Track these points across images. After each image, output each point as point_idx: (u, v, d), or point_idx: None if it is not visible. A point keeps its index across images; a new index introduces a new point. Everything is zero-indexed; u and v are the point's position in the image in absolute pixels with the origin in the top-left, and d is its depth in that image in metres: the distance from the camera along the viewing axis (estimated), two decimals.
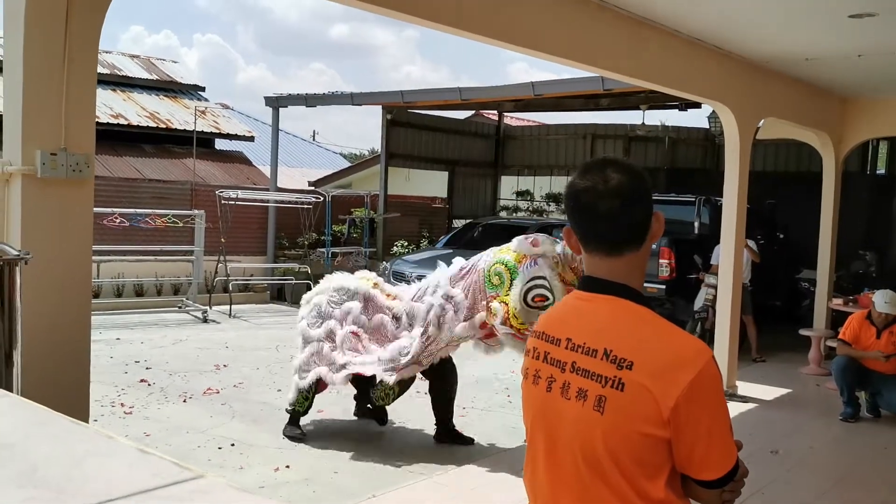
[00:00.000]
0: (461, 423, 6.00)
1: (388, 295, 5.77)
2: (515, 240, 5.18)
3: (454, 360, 5.84)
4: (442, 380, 5.76)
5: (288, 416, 5.81)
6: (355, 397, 6.20)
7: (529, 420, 1.74)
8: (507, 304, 4.97)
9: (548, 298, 4.84)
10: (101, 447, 0.64)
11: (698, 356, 1.53)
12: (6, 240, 2.79)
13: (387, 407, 5.83)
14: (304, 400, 5.72)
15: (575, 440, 1.58)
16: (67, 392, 2.91)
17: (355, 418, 6.28)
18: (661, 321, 1.63)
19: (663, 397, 1.48)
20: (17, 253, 2.40)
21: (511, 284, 4.99)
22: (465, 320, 5.23)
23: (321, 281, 6.09)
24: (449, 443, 5.70)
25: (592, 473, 1.56)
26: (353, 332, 5.56)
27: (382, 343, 5.54)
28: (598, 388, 1.55)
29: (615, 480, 1.54)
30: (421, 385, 6.00)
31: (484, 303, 5.17)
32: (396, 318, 5.60)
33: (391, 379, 5.31)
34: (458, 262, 5.54)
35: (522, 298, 4.90)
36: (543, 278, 4.89)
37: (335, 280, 5.95)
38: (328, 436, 5.85)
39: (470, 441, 5.77)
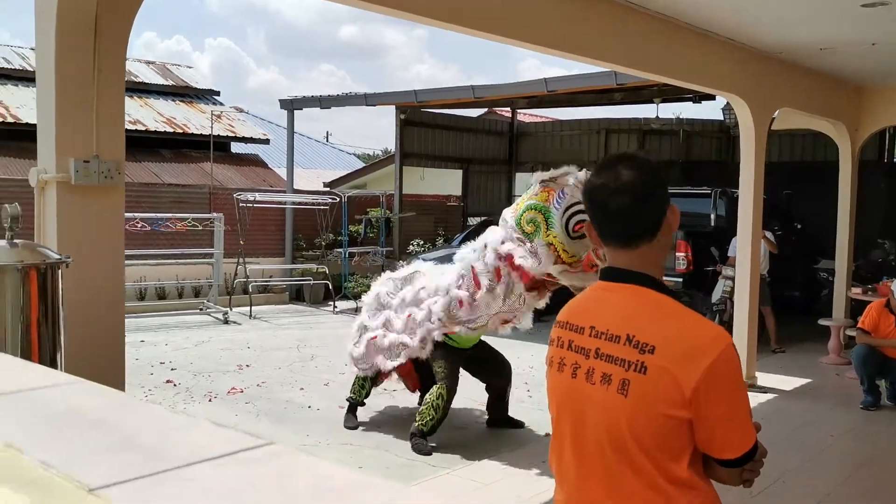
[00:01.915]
0: (481, 418, 6.08)
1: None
2: (534, 179, 4.99)
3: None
4: (499, 378, 5.90)
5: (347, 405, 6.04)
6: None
7: (555, 407, 1.81)
8: (553, 244, 4.74)
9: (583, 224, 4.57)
10: (180, 422, 0.72)
11: (717, 341, 1.60)
12: (43, 245, 2.89)
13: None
14: (361, 388, 5.92)
15: (600, 423, 1.65)
16: None
17: (385, 415, 6.38)
18: (681, 308, 1.71)
19: (685, 380, 1.55)
20: (58, 257, 2.50)
21: (548, 224, 4.76)
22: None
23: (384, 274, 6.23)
24: (504, 427, 5.91)
25: (618, 456, 1.63)
26: (407, 315, 5.59)
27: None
28: (621, 373, 1.62)
29: (640, 462, 1.61)
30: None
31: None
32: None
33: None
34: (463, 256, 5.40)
35: (565, 230, 4.67)
36: (579, 203, 4.57)
37: (395, 273, 6.04)
38: (357, 429, 5.95)
39: (521, 425, 5.96)
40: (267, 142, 17.00)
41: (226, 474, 0.59)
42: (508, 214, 5.04)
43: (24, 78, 15.05)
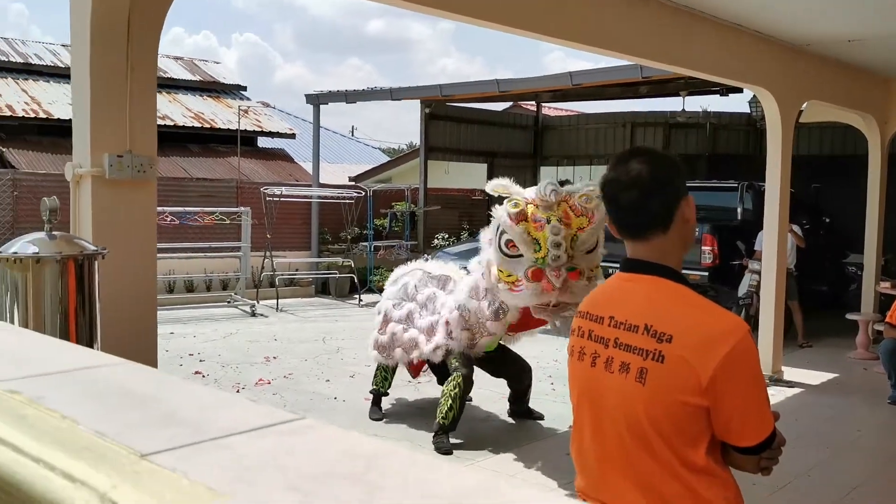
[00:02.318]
0: (503, 410, 6.13)
1: None
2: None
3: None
4: (518, 384, 5.95)
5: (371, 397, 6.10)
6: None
7: (575, 395, 1.86)
8: (497, 268, 4.83)
9: (514, 243, 4.64)
10: (220, 398, 0.77)
11: (734, 330, 1.63)
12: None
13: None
14: (384, 380, 5.98)
15: (619, 411, 1.69)
16: None
17: (408, 406, 6.45)
18: (698, 298, 1.74)
19: (702, 368, 1.58)
20: (95, 248, 2.58)
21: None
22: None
23: (413, 263, 6.26)
24: (525, 418, 5.98)
25: (636, 443, 1.67)
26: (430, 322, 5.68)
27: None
28: (639, 361, 1.65)
29: (658, 449, 1.64)
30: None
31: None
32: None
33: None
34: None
35: (498, 247, 4.74)
36: (501, 227, 4.71)
37: (427, 266, 6.09)
38: (383, 420, 6.02)
39: (540, 416, 6.00)
40: (293, 136, 17.15)
41: (263, 443, 0.64)
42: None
43: (55, 74, 15.33)
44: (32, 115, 13.78)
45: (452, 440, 5.39)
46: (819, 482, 4.83)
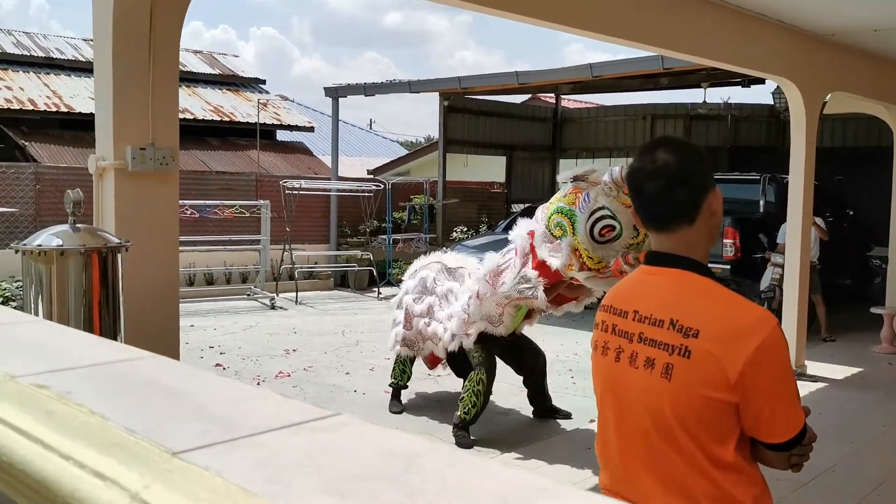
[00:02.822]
0: (525, 404, 6.10)
1: None
2: (560, 179, 4.91)
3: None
4: (533, 366, 5.90)
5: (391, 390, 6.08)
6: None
7: (599, 391, 1.83)
8: (578, 249, 4.66)
9: (614, 228, 4.50)
10: (250, 393, 0.75)
11: (763, 323, 1.59)
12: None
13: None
14: (402, 373, 5.96)
15: (644, 408, 1.66)
16: None
17: (428, 399, 6.44)
18: (725, 291, 1.70)
19: (730, 363, 1.54)
20: (118, 241, 2.59)
21: (574, 229, 4.66)
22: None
23: (433, 255, 6.18)
24: (550, 418, 5.89)
25: (662, 440, 1.63)
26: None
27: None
28: (665, 357, 1.62)
29: (685, 446, 1.61)
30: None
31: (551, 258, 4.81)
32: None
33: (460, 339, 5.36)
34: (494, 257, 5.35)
35: (589, 235, 4.57)
36: (603, 208, 4.53)
37: (445, 258, 6.03)
38: (402, 413, 6.02)
39: (568, 414, 5.92)
40: (311, 129, 17.18)
41: (298, 441, 0.63)
42: (541, 214, 4.97)
43: (76, 68, 15.44)
44: (54, 109, 13.90)
45: (472, 435, 5.38)
46: (843, 478, 4.76)
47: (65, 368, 0.83)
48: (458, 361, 6.16)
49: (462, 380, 6.35)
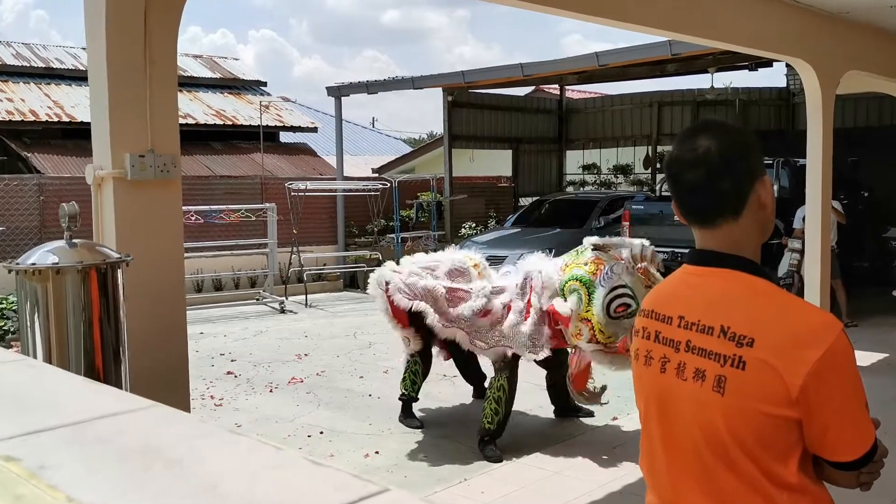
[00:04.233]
0: (540, 406, 5.95)
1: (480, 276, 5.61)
2: (587, 242, 4.94)
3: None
4: (558, 368, 5.72)
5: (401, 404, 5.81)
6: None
7: (643, 404, 1.66)
8: (590, 321, 4.71)
9: (630, 306, 4.59)
10: (271, 459, 0.60)
11: (827, 329, 1.42)
12: (101, 242, 2.85)
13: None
14: (412, 384, 5.68)
15: (694, 423, 1.50)
16: (169, 387, 2.97)
17: (446, 402, 6.29)
18: (782, 293, 1.54)
19: (790, 375, 1.38)
20: (118, 256, 2.45)
21: (590, 300, 4.71)
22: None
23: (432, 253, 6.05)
24: (572, 416, 5.75)
25: (716, 458, 1.47)
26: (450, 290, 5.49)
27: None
28: (716, 368, 1.46)
29: (741, 464, 1.45)
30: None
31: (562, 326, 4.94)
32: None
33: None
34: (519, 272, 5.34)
35: (605, 310, 4.64)
36: (624, 286, 4.63)
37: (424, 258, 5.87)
38: (422, 427, 5.87)
39: (590, 412, 5.78)
40: (315, 130, 17.04)
41: None
42: (554, 275, 4.98)
43: (76, 77, 15.32)
44: (56, 119, 13.79)
45: (499, 445, 5.17)
46: (883, 473, 4.59)
47: (43, 429, 0.68)
48: (467, 365, 6.00)
49: (471, 386, 6.21)
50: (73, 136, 13.74)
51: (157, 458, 0.61)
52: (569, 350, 5.18)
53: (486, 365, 5.65)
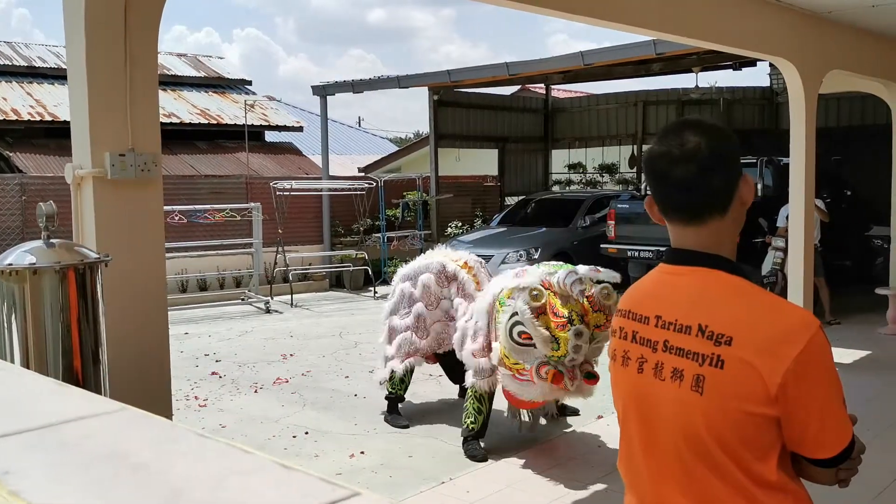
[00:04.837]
0: None
1: (476, 281, 5.51)
2: (540, 268, 4.80)
3: None
4: None
5: (386, 403, 5.81)
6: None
7: (621, 405, 1.64)
8: (500, 346, 4.61)
9: (531, 336, 4.39)
10: (240, 464, 0.59)
11: (805, 327, 1.41)
12: (81, 242, 2.82)
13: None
14: (400, 382, 5.67)
15: (674, 424, 1.49)
16: (150, 388, 2.94)
17: (432, 401, 6.28)
18: (759, 291, 1.54)
19: (769, 373, 1.38)
20: (97, 256, 2.41)
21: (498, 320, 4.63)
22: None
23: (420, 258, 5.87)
24: (558, 415, 5.74)
25: (697, 458, 1.46)
26: (439, 321, 5.48)
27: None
28: (695, 367, 1.45)
29: (722, 464, 1.44)
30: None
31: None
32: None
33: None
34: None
35: (508, 335, 4.48)
36: (517, 314, 4.42)
37: (425, 261, 5.77)
38: (408, 427, 5.85)
39: (576, 411, 5.77)
40: (300, 129, 16.98)
41: None
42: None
43: (59, 76, 15.19)
44: (38, 119, 13.66)
45: (486, 443, 5.17)
46: (865, 467, 4.60)
47: (8, 434, 0.66)
48: (453, 365, 5.97)
49: (456, 385, 6.19)
50: (55, 136, 13.61)
51: (122, 464, 0.60)
52: None
53: None
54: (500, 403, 5.88)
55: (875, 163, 10.01)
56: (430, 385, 6.65)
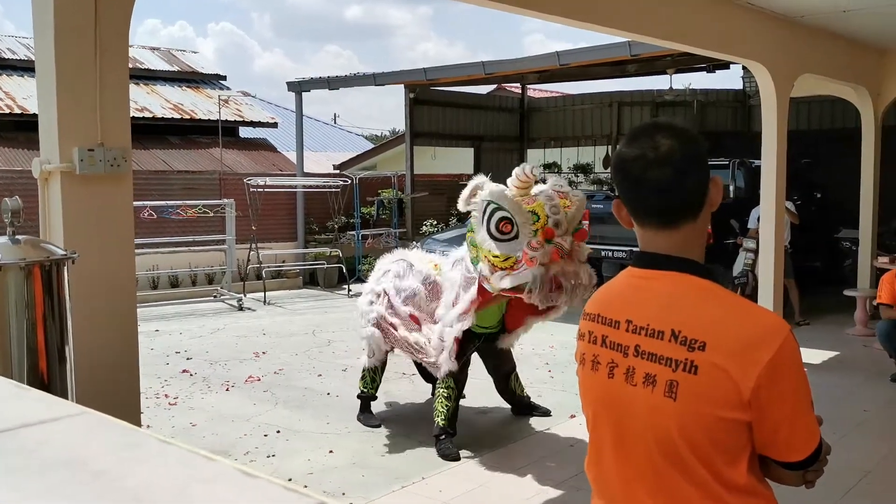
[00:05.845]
0: (498, 405, 5.96)
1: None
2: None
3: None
4: (496, 357, 5.70)
5: (359, 402, 5.76)
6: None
7: (591, 410, 1.63)
8: (487, 256, 4.62)
9: (510, 220, 4.45)
10: (203, 471, 0.58)
11: (777, 331, 1.42)
12: (49, 238, 2.76)
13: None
14: (372, 381, 5.66)
15: (646, 429, 1.48)
16: (118, 387, 2.89)
17: (405, 399, 6.26)
18: (731, 296, 1.54)
19: (743, 378, 1.38)
20: (64, 252, 2.37)
21: (477, 240, 4.69)
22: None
23: (384, 258, 5.91)
24: (528, 415, 5.73)
25: (669, 464, 1.46)
26: (411, 316, 5.47)
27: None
28: (668, 373, 1.44)
29: (694, 469, 1.44)
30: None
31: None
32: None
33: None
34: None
35: (488, 233, 4.52)
36: (488, 202, 4.52)
37: (411, 255, 5.82)
38: (381, 426, 5.83)
39: (547, 412, 5.77)
40: (275, 125, 16.84)
41: None
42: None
43: (28, 69, 14.91)
44: (7, 111, 13.42)
45: (460, 442, 5.14)
46: (831, 466, 4.67)
47: None
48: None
49: (429, 384, 6.18)
50: (24, 129, 13.37)
51: (81, 470, 0.58)
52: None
53: None
54: (470, 401, 5.89)
55: (844, 166, 10.17)
56: (403, 384, 6.64)
